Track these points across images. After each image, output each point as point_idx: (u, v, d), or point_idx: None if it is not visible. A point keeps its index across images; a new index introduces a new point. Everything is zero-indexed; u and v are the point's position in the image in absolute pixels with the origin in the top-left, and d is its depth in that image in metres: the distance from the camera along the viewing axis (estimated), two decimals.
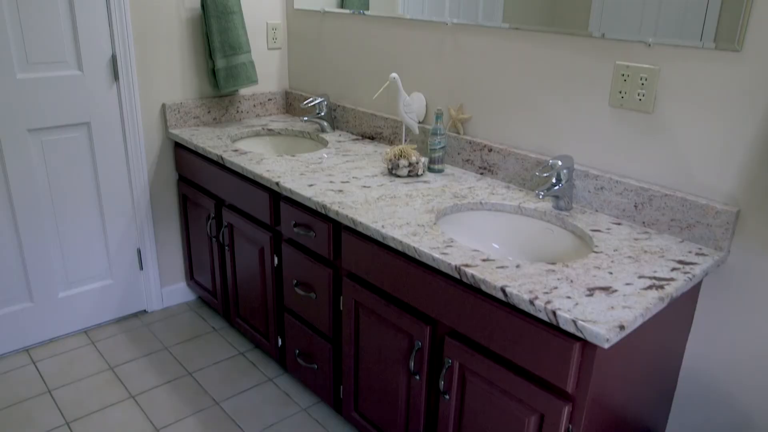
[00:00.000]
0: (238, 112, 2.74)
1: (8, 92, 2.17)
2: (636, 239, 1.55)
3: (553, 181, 1.69)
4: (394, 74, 2.06)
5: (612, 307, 1.21)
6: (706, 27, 1.45)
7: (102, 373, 2.34)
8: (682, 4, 1.48)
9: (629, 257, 1.44)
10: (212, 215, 2.41)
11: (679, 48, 1.51)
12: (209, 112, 2.65)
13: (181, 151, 2.54)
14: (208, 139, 2.41)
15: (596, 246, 1.51)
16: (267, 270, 2.15)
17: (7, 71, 2.15)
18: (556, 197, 1.71)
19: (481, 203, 1.78)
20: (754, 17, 1.37)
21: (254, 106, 2.79)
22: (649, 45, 1.56)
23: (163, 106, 2.53)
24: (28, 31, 2.16)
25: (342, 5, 2.48)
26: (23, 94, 2.21)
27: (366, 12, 2.37)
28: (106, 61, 2.36)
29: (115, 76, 2.40)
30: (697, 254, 1.48)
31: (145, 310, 2.76)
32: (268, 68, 2.82)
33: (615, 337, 1.13)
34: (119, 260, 2.61)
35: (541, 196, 1.65)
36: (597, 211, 1.73)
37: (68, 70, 2.30)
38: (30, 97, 2.22)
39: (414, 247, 1.47)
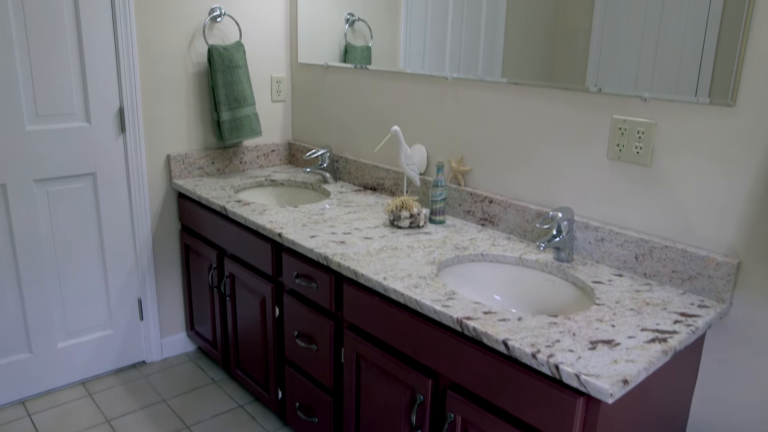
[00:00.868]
0: (241, 162, 2.78)
1: (17, 144, 2.21)
2: (638, 291, 1.55)
3: (554, 232, 1.70)
4: (395, 127, 2.10)
5: (615, 361, 1.20)
6: (700, 82, 1.48)
7: (98, 426, 2.30)
8: (677, 59, 1.52)
9: (631, 309, 1.44)
10: (214, 265, 2.41)
11: (674, 103, 1.54)
12: (213, 162, 2.69)
13: (184, 201, 2.57)
14: (211, 190, 2.43)
15: (598, 298, 1.50)
16: (268, 321, 2.14)
17: (17, 123, 2.20)
18: (557, 249, 1.72)
19: (482, 255, 1.79)
20: (745, 74, 1.41)
21: (258, 157, 2.83)
22: (645, 100, 1.59)
23: (168, 157, 2.57)
24: (39, 84, 2.22)
25: (344, 60, 2.55)
26: (31, 145, 2.24)
27: (368, 66, 2.43)
28: (113, 113, 2.41)
29: (122, 127, 2.44)
30: (699, 306, 1.47)
31: (144, 361, 2.73)
32: (271, 120, 2.87)
33: (619, 392, 1.12)
34: (119, 310, 2.60)
35: (542, 248, 1.66)
36: (598, 262, 1.74)
37: (76, 122, 2.34)
38: (38, 149, 2.26)
39: (416, 300, 1.47)
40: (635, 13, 1.58)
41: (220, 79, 2.53)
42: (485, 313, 1.39)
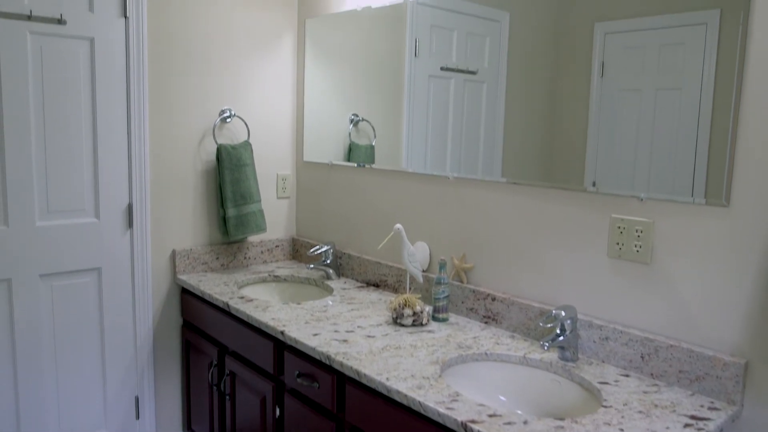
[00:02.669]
0: (245, 258, 2.81)
1: (26, 239, 2.25)
2: (645, 392, 1.53)
3: (558, 331, 1.70)
4: (398, 225, 2.14)
5: None
6: (696, 182, 1.53)
7: None
8: (671, 160, 1.57)
9: (640, 412, 1.41)
10: (214, 362, 2.38)
11: (671, 203, 1.58)
12: (218, 258, 2.72)
13: (187, 296, 2.57)
14: (215, 285, 2.44)
15: (605, 400, 1.48)
16: (268, 421, 2.09)
17: (27, 219, 2.24)
18: (562, 348, 1.70)
19: (486, 354, 1.77)
20: (737, 175, 1.46)
21: (262, 252, 2.86)
22: (642, 200, 1.64)
23: (173, 252, 2.60)
24: (52, 181, 2.29)
25: (349, 158, 2.63)
26: (40, 240, 2.28)
27: (371, 165, 2.51)
28: (122, 209, 2.46)
29: (130, 223, 2.49)
30: (709, 408, 1.44)
31: None
32: (276, 216, 2.92)
33: None
34: (116, 409, 2.54)
35: (546, 347, 1.65)
36: (603, 362, 1.72)
37: (85, 218, 2.39)
38: (46, 244, 2.30)
39: (419, 402, 1.45)
40: (629, 115, 1.66)
41: (228, 177, 2.60)
42: (490, 416, 1.37)
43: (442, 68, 2.19)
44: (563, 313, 1.69)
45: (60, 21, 2.23)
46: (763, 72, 1.41)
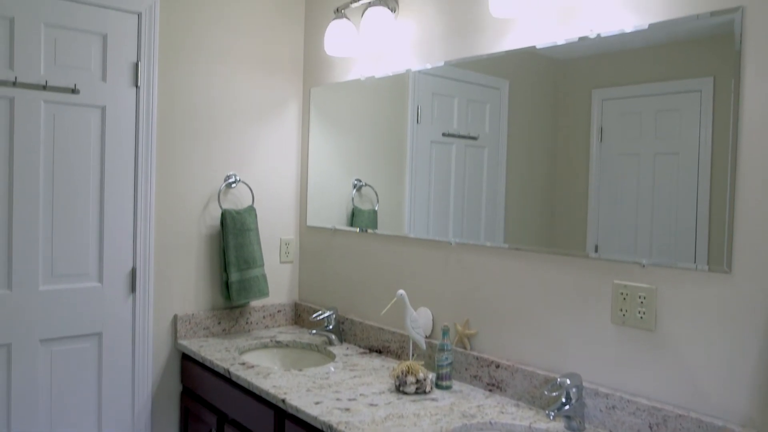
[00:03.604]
0: (247, 323, 2.78)
1: (29, 304, 2.25)
2: None
3: (563, 400, 1.66)
4: (401, 291, 2.13)
5: None
6: (698, 249, 1.53)
7: None
8: (673, 225, 1.57)
9: None
10: (214, 431, 2.33)
11: (673, 269, 1.57)
12: (219, 323, 2.70)
13: (187, 362, 2.54)
14: (216, 351, 2.41)
15: None
16: None
17: (31, 284, 2.25)
18: (568, 417, 1.66)
19: (490, 423, 1.73)
20: (737, 241, 1.46)
21: (264, 317, 2.84)
22: (643, 266, 1.63)
23: (175, 317, 2.59)
24: (58, 246, 2.30)
25: (352, 223, 2.65)
26: (42, 305, 2.28)
27: (374, 230, 2.52)
28: (126, 274, 2.47)
29: (133, 287, 2.49)
30: None
31: None
32: (279, 281, 2.92)
33: None
34: None
35: (552, 417, 1.60)
36: (611, 431, 1.67)
37: (89, 282, 2.39)
38: (48, 308, 2.29)
39: None
40: (629, 179, 1.67)
41: (232, 242, 2.62)
42: None
43: (443, 134, 2.23)
44: (568, 381, 1.66)
45: (74, 90, 2.30)
46: (756, 140, 1.43)
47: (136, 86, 2.45)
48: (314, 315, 2.58)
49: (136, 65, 2.44)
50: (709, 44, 1.51)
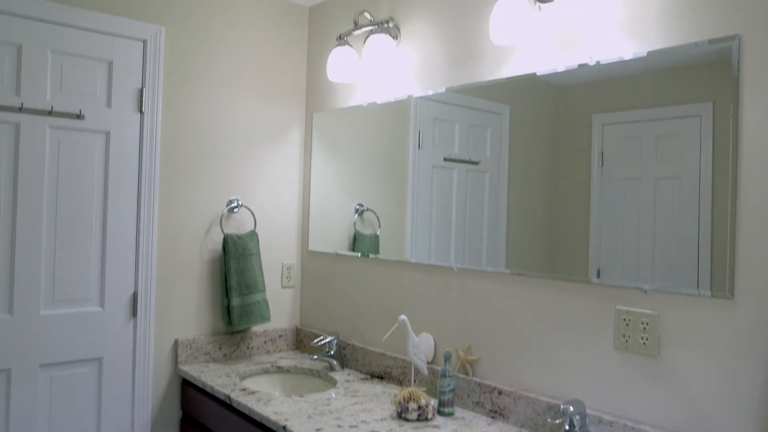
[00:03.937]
0: (248, 348, 2.77)
1: (29, 328, 2.24)
2: None
3: (567, 427, 1.64)
4: (403, 317, 2.12)
5: None
6: (701, 274, 1.52)
7: None
8: (675, 250, 1.57)
9: None
10: None
11: (676, 294, 1.56)
12: (220, 348, 2.68)
13: (188, 388, 2.52)
14: (216, 377, 2.40)
15: None
16: None
17: (32, 308, 2.24)
18: None
19: None
20: (739, 266, 1.45)
21: (265, 342, 2.82)
22: (645, 292, 1.62)
23: (176, 342, 2.57)
24: (60, 270, 2.30)
25: (353, 247, 2.65)
26: (43, 330, 2.27)
27: (376, 255, 2.52)
28: (127, 298, 2.46)
29: (134, 312, 2.48)
30: None
31: None
32: (280, 306, 2.91)
33: None
34: None
35: None
36: None
37: (90, 307, 2.38)
38: (48, 333, 2.28)
39: None
40: (630, 204, 1.68)
41: (233, 266, 2.61)
42: None
43: (445, 159, 2.24)
44: (571, 408, 1.64)
45: (79, 116, 2.32)
46: (756, 164, 1.44)
47: (141, 112, 2.47)
48: (316, 340, 2.56)
49: (141, 91, 2.47)
50: (708, 70, 1.53)
